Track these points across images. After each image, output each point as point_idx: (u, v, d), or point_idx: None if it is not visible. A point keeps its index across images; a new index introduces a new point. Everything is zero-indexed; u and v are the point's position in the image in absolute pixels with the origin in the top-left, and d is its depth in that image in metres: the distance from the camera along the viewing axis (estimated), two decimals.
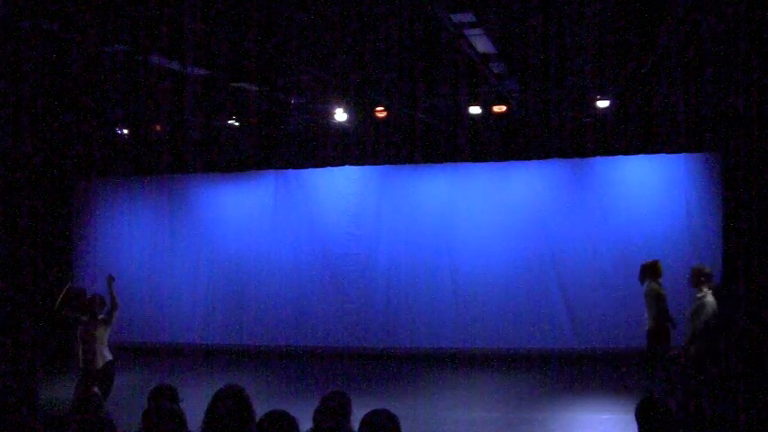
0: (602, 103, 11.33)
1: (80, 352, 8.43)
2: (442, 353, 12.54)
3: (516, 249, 12.38)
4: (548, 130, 12.41)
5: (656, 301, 9.03)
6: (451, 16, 6.81)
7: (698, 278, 8.53)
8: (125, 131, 13.29)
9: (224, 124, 12.96)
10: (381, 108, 11.98)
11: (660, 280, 9.21)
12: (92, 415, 4.77)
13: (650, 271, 9.24)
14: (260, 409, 3.71)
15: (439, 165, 12.93)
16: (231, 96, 11.56)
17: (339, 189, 13.20)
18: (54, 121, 12.23)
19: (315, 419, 4.13)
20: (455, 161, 12.77)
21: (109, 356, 8.53)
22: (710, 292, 8.46)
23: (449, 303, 12.60)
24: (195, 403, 4.16)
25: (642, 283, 9.37)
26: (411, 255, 12.75)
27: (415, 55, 9.54)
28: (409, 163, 13.05)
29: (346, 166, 13.21)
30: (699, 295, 8.46)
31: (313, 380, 11.13)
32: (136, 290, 13.94)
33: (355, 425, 3.99)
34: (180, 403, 4.73)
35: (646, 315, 9.34)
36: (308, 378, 11.42)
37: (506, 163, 12.65)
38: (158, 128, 13.25)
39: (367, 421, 3.78)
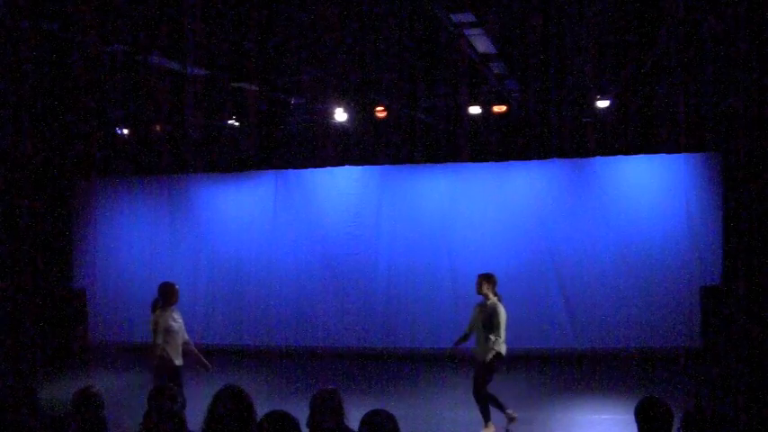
0: (602, 103, 11.32)
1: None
2: (442, 353, 12.51)
3: (516, 249, 12.37)
4: (548, 130, 12.41)
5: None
6: (451, 16, 6.81)
7: (481, 285, 8.32)
8: (125, 131, 13.29)
9: (224, 124, 12.96)
10: (381, 108, 11.98)
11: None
12: (92, 415, 4.75)
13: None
14: (260, 410, 3.70)
15: (439, 165, 12.92)
16: (231, 96, 11.56)
17: (339, 189, 13.19)
18: (54, 121, 12.23)
19: (310, 422, 4.11)
20: (455, 161, 12.76)
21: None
22: (497, 298, 8.26)
23: (449, 304, 12.58)
24: (195, 403, 4.16)
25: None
26: (411, 255, 12.74)
27: (415, 55, 9.54)
28: (409, 163, 13.04)
29: (346, 166, 13.20)
30: (488, 302, 8.21)
31: (313, 380, 11.12)
32: (136, 290, 13.93)
33: (354, 425, 3.99)
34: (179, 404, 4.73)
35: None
36: (308, 378, 11.42)
37: (506, 163, 12.64)
38: (158, 128, 13.24)
39: (367, 421, 3.78)
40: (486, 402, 8.29)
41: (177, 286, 8.24)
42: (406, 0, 7.75)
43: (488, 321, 8.13)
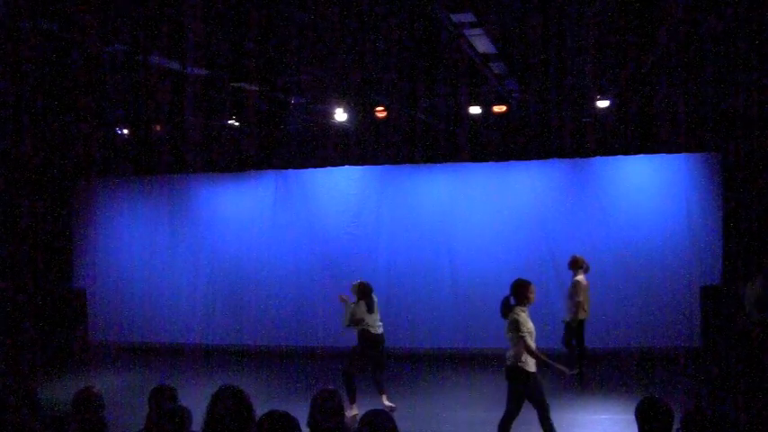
0: (602, 103, 11.32)
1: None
2: (442, 353, 12.53)
3: (516, 249, 12.36)
4: (548, 130, 12.41)
5: None
6: (451, 16, 6.81)
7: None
8: (125, 131, 13.29)
9: (224, 124, 12.95)
10: (381, 108, 11.97)
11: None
12: (92, 415, 4.75)
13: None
14: (260, 410, 3.70)
15: (439, 165, 12.92)
16: (231, 96, 11.55)
17: (339, 189, 13.19)
18: (54, 121, 12.22)
19: (310, 422, 4.11)
20: (455, 161, 12.76)
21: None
22: None
23: (449, 303, 12.59)
24: (195, 403, 4.16)
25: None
26: (411, 255, 12.74)
27: (415, 55, 9.54)
28: (409, 163, 13.04)
29: (346, 166, 13.20)
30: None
31: (313, 380, 11.12)
32: (136, 290, 13.95)
33: (353, 425, 3.99)
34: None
35: None
36: (307, 378, 11.42)
37: (506, 163, 12.64)
38: (158, 128, 13.24)
39: (366, 420, 3.78)
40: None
41: (534, 284, 7.49)
42: (405, 0, 7.74)
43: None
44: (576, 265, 10.74)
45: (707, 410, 4.08)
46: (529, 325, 7.26)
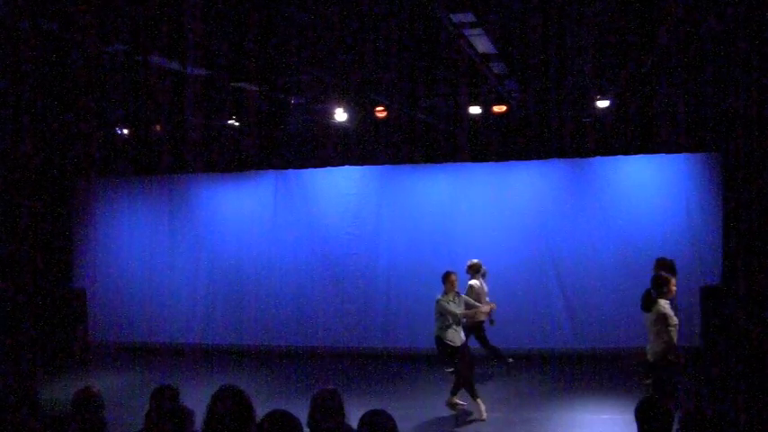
0: (602, 103, 11.32)
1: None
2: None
3: (516, 249, 12.37)
4: (548, 130, 12.41)
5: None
6: (451, 16, 6.81)
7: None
8: (125, 131, 13.28)
9: (224, 124, 12.95)
10: (381, 108, 11.98)
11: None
12: (92, 415, 4.75)
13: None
14: (260, 410, 3.70)
15: (439, 165, 12.92)
16: (231, 96, 11.56)
17: (339, 189, 13.19)
18: (54, 121, 12.23)
19: (310, 422, 4.11)
20: (455, 161, 12.76)
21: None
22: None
23: None
24: (195, 403, 4.16)
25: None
26: (411, 255, 12.74)
27: (415, 55, 9.55)
28: (409, 163, 13.05)
29: (346, 166, 13.20)
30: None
31: (313, 380, 11.12)
32: (136, 290, 13.95)
33: (354, 424, 3.99)
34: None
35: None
36: (308, 378, 11.42)
37: (506, 163, 12.64)
38: (158, 128, 13.24)
39: (366, 421, 3.78)
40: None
41: (673, 278, 7.91)
42: (406, 0, 7.75)
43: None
44: (472, 269, 11.10)
45: (707, 410, 4.08)
46: (674, 318, 7.58)
